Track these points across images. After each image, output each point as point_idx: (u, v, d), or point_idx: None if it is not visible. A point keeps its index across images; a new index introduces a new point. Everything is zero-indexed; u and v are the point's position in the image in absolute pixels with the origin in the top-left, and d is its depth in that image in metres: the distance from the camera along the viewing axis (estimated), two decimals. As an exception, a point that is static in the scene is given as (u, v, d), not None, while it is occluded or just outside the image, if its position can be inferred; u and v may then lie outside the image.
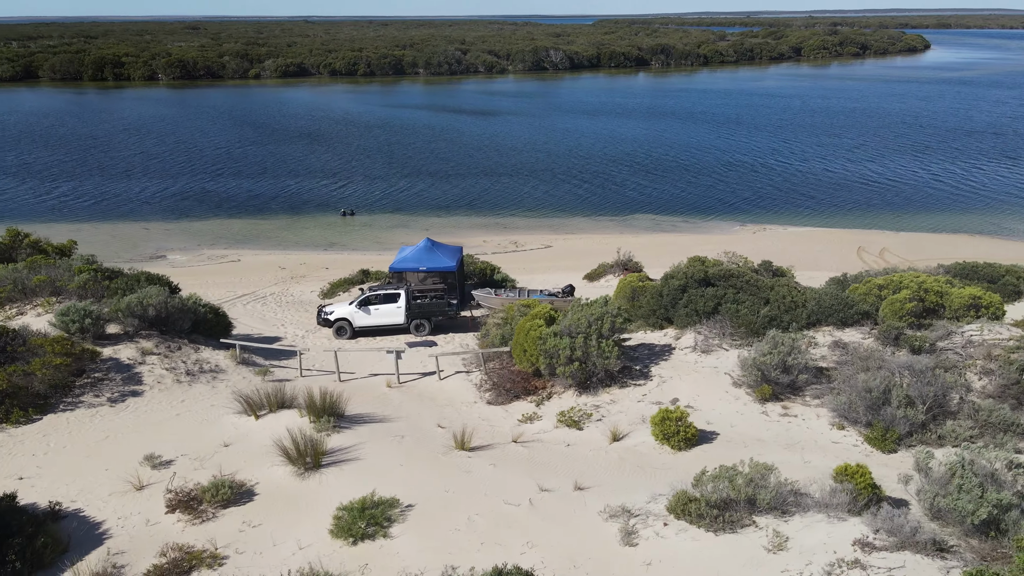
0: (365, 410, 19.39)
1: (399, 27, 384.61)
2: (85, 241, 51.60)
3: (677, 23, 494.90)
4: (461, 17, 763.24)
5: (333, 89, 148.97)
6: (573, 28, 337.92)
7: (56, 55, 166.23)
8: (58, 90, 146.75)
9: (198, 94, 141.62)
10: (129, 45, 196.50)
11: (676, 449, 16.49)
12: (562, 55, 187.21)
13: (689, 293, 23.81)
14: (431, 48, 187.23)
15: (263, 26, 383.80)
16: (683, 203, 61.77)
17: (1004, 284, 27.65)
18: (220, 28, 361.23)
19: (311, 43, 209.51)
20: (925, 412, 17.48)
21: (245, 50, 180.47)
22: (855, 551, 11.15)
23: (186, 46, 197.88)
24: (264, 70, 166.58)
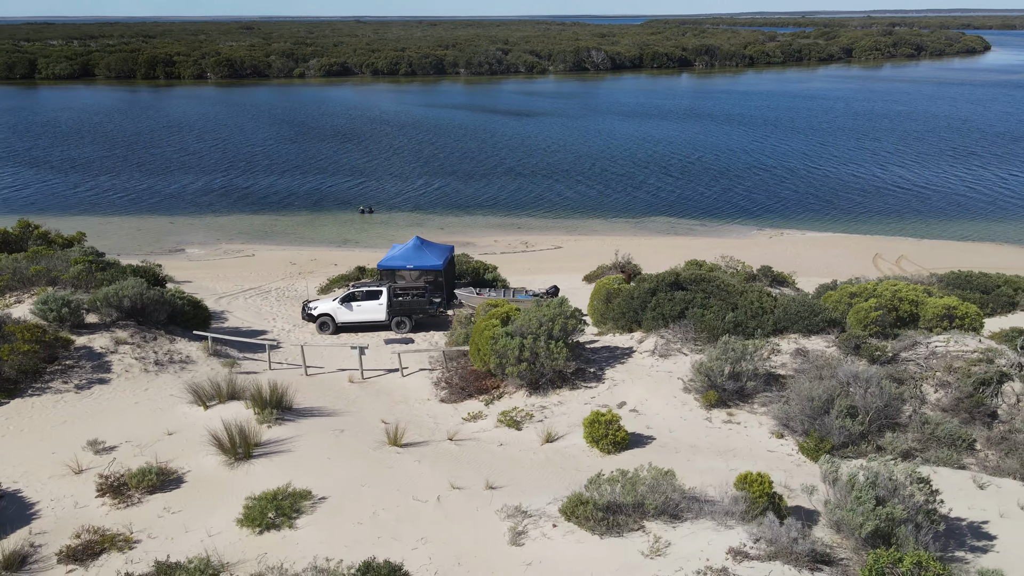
0: (318, 404, 19.81)
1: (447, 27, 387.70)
2: (111, 234, 53.67)
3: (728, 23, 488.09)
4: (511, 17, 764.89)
5: (374, 88, 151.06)
6: (620, 28, 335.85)
7: (112, 54, 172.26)
8: (112, 88, 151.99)
9: (243, 92, 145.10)
10: (182, 44, 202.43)
11: (605, 452, 16.48)
12: (604, 55, 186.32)
13: (658, 297, 23.65)
14: (472, 48, 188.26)
15: (314, 26, 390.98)
16: (703, 206, 61.03)
17: (997, 295, 26.75)
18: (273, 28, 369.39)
19: (356, 43, 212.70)
20: (869, 423, 17.11)
21: (291, 49, 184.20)
22: (727, 559, 11.05)
23: (236, 46, 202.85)
24: (308, 69, 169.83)
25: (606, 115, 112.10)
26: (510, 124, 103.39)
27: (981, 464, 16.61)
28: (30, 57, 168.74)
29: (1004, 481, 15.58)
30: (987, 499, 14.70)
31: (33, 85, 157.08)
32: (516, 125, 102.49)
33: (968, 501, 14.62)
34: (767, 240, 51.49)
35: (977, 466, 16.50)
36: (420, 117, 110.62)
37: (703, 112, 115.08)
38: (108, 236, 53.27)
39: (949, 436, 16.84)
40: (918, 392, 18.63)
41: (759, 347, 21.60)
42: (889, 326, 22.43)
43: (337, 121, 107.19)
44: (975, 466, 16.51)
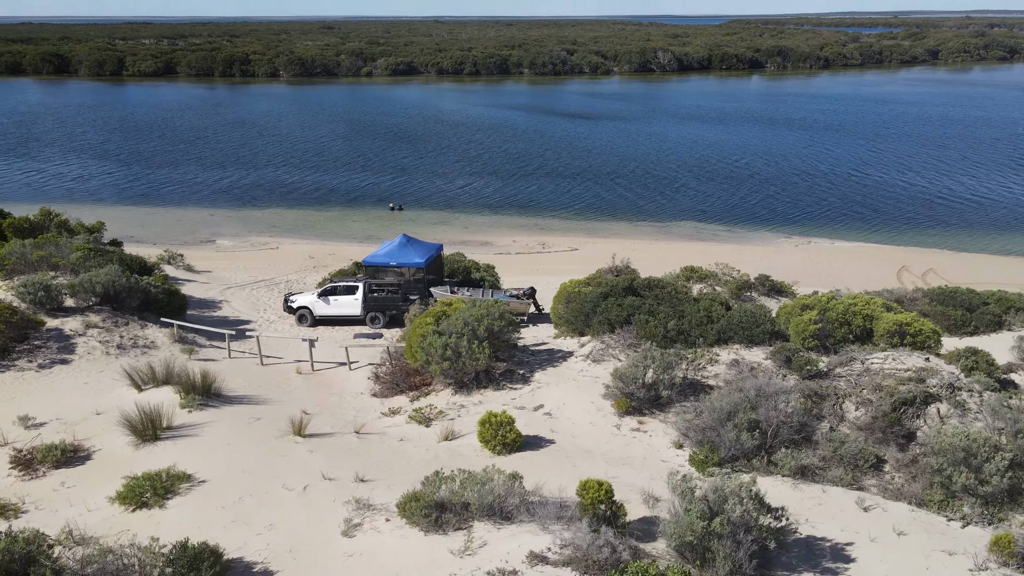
0: (252, 392, 20.65)
1: (522, 27, 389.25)
2: (154, 224, 56.63)
3: (814, 23, 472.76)
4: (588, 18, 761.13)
5: (437, 87, 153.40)
6: (697, 29, 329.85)
7: (193, 53, 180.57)
8: (191, 85, 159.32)
9: (311, 91, 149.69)
10: (259, 44, 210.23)
11: (495, 453, 16.65)
12: (670, 56, 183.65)
13: (608, 301, 23.55)
14: (537, 48, 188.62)
15: (392, 26, 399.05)
16: (736, 212, 59.71)
17: (982, 313, 25.43)
18: (353, 28, 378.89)
19: (427, 43, 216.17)
20: (771, 437, 16.72)
21: (361, 49, 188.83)
22: (523, 563, 11.13)
23: (311, 45, 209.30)
24: (376, 68, 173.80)
25: (662, 118, 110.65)
26: (561, 125, 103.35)
27: (883, 487, 16.01)
28: (119, 55, 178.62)
29: (895, 505, 15.03)
30: (866, 522, 14.24)
31: (121, 82, 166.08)
32: (567, 126, 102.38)
33: (845, 523, 14.20)
34: (791, 248, 50.02)
35: (877, 488, 15.93)
36: (474, 117, 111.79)
37: (763, 116, 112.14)
38: (151, 226, 56.25)
39: (852, 456, 16.29)
40: (838, 409, 18.05)
41: (699, 356, 21.34)
42: (844, 340, 21.73)
43: (393, 119, 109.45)
44: (875, 488, 15.94)
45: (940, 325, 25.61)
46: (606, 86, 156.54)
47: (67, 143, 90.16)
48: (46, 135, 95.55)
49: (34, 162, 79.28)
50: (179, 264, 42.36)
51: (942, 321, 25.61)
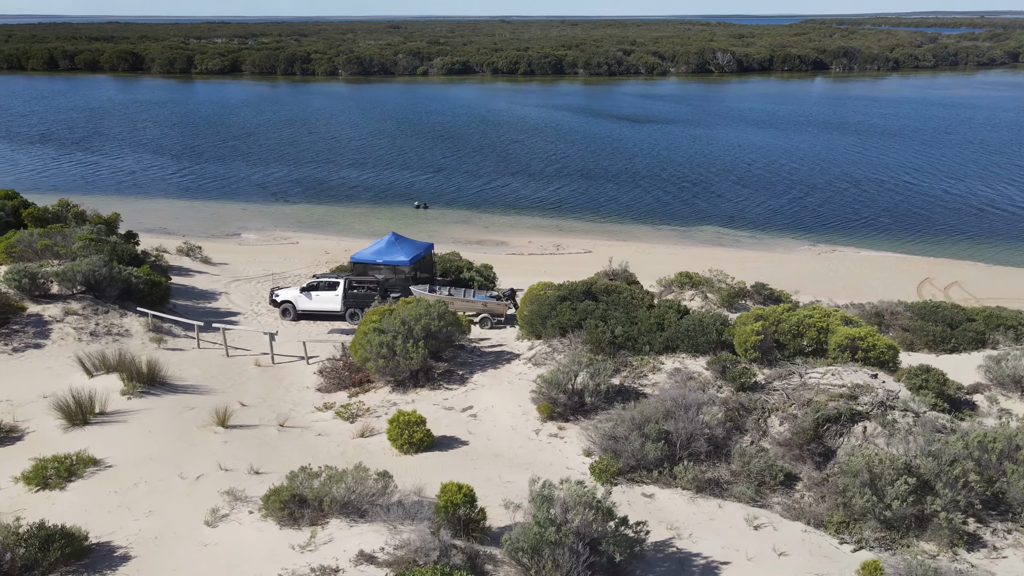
0: (201, 382, 21.35)
1: (587, 26, 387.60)
2: (188, 216, 58.73)
3: (893, 23, 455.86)
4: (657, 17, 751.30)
5: (491, 87, 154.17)
6: (765, 29, 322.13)
7: (257, 52, 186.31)
8: (253, 83, 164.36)
9: (366, 89, 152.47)
10: (321, 43, 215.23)
11: (402, 452, 16.82)
12: (729, 57, 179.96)
13: (563, 305, 23.41)
14: (593, 48, 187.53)
15: (457, 25, 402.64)
16: (765, 218, 58.23)
17: (964, 330, 24.23)
18: (418, 27, 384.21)
19: (486, 42, 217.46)
20: (680, 449, 16.39)
21: (418, 48, 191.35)
22: (351, 560, 11.26)
23: (372, 44, 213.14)
24: (432, 67, 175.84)
25: (711, 121, 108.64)
26: (606, 127, 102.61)
27: (790, 505, 15.51)
28: (189, 54, 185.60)
29: (790, 525, 14.59)
30: (752, 540, 13.89)
31: (189, 79, 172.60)
32: (611, 128, 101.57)
33: (729, 540, 13.88)
34: (812, 256, 48.51)
35: (781, 506, 15.45)
36: (520, 117, 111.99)
37: (819, 120, 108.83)
38: (186, 218, 58.40)
39: (759, 472, 15.83)
40: (762, 423, 17.54)
41: (643, 363, 21.05)
42: (798, 353, 21.08)
43: (439, 119, 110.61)
44: (779, 506, 15.46)
45: (920, 341, 24.60)
46: (660, 87, 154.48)
47: (127, 138, 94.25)
48: (110, 130, 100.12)
49: (93, 155, 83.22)
50: (197, 256, 43.87)
51: (922, 337, 24.54)
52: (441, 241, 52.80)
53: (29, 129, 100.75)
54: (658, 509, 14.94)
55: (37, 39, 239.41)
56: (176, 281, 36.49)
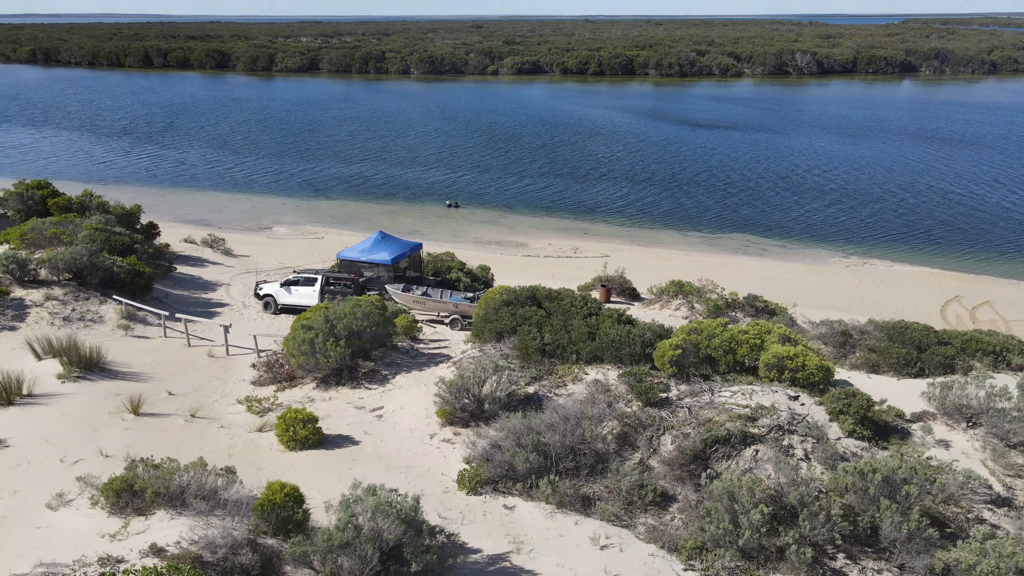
0: (146, 370, 22.31)
1: (670, 26, 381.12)
2: (228, 209, 61.14)
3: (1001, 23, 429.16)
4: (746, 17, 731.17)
5: (558, 88, 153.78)
6: (856, 29, 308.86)
7: (335, 50, 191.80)
8: (329, 81, 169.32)
9: (435, 88, 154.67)
10: (398, 42, 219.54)
11: (287, 448, 17.15)
12: (809, 58, 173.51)
13: (503, 310, 23.27)
14: (665, 49, 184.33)
15: (538, 25, 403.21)
16: (801, 226, 56.05)
17: (932, 354, 22.74)
18: (499, 26, 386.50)
19: (561, 42, 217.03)
20: (555, 462, 16.10)
21: (490, 47, 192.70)
22: (140, 551, 11.60)
23: (446, 44, 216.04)
24: (503, 67, 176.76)
25: (772, 125, 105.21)
26: (661, 129, 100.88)
27: (657, 527, 15.00)
28: (271, 52, 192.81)
29: (641, 547, 14.21)
30: (590, 560, 13.67)
31: (270, 77, 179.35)
32: (667, 131, 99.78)
33: (566, 559, 13.66)
34: (840, 268, 46.38)
35: (646, 528, 14.95)
36: (579, 118, 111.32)
37: (893, 125, 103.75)
38: (226, 211, 60.85)
39: (629, 491, 15.37)
40: (655, 441, 17.01)
41: (566, 372, 20.75)
42: (731, 369, 20.34)
43: (498, 118, 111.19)
44: (644, 527, 14.98)
45: (886, 363, 23.28)
46: (732, 90, 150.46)
47: (196, 133, 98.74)
48: (183, 125, 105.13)
49: (162, 149, 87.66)
50: (219, 248, 45.64)
51: (887, 359, 23.18)
52: (462, 241, 53.32)
53: (113, 123, 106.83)
54: (512, 522, 14.75)
55: (138, 37, 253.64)
56: (185, 271, 38.15)
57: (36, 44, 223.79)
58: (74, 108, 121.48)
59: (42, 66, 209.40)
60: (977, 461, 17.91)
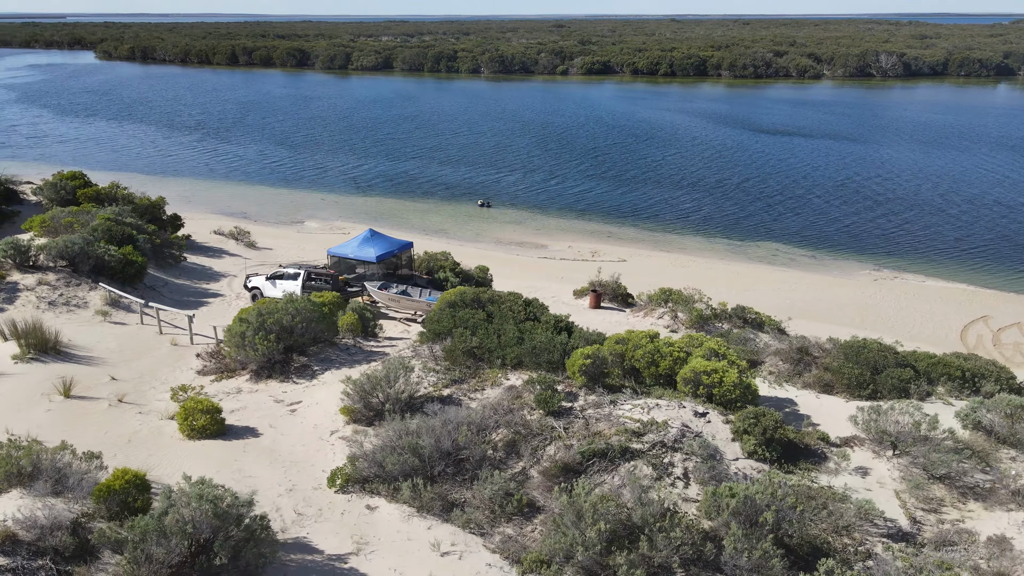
0: (104, 355, 23.50)
1: (757, 26, 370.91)
2: (269, 202, 63.26)
3: None
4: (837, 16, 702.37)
5: (626, 88, 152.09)
6: (956, 29, 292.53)
7: (408, 49, 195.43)
8: (400, 79, 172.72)
9: (503, 87, 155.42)
10: (472, 41, 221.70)
11: (186, 437, 17.77)
12: (894, 60, 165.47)
13: (444, 312, 23.38)
14: (740, 49, 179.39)
15: (620, 24, 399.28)
16: (838, 237, 53.68)
17: (887, 376, 21.48)
18: (581, 26, 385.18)
19: (635, 42, 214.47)
20: (429, 466, 16.10)
21: (561, 47, 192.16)
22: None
23: (520, 43, 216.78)
24: (572, 67, 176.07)
25: (841, 130, 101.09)
26: (720, 134, 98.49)
27: (516, 536, 14.80)
28: (348, 51, 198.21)
29: (485, 557, 14.17)
30: (428, 566, 13.63)
31: (346, 75, 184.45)
32: (726, 135, 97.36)
33: (402, 562, 13.81)
34: (867, 282, 44.18)
35: (503, 537, 14.77)
36: (638, 120, 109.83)
37: (973, 132, 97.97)
38: (266, 204, 63.03)
39: (491, 499, 15.23)
40: (540, 451, 16.77)
41: (488, 376, 20.69)
42: (656, 382, 19.85)
43: (557, 118, 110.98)
44: (501, 536, 14.80)
45: (839, 383, 22.20)
46: (807, 92, 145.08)
47: (261, 129, 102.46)
48: (252, 121, 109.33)
49: (225, 144, 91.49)
50: (243, 240, 47.42)
51: (840, 379, 22.07)
52: (484, 240, 53.58)
53: (188, 119, 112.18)
54: (367, 522, 14.87)
55: (229, 36, 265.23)
56: (198, 261, 39.86)
57: (136, 42, 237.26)
58: (157, 104, 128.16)
59: (140, 63, 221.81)
60: (891, 491, 16.93)
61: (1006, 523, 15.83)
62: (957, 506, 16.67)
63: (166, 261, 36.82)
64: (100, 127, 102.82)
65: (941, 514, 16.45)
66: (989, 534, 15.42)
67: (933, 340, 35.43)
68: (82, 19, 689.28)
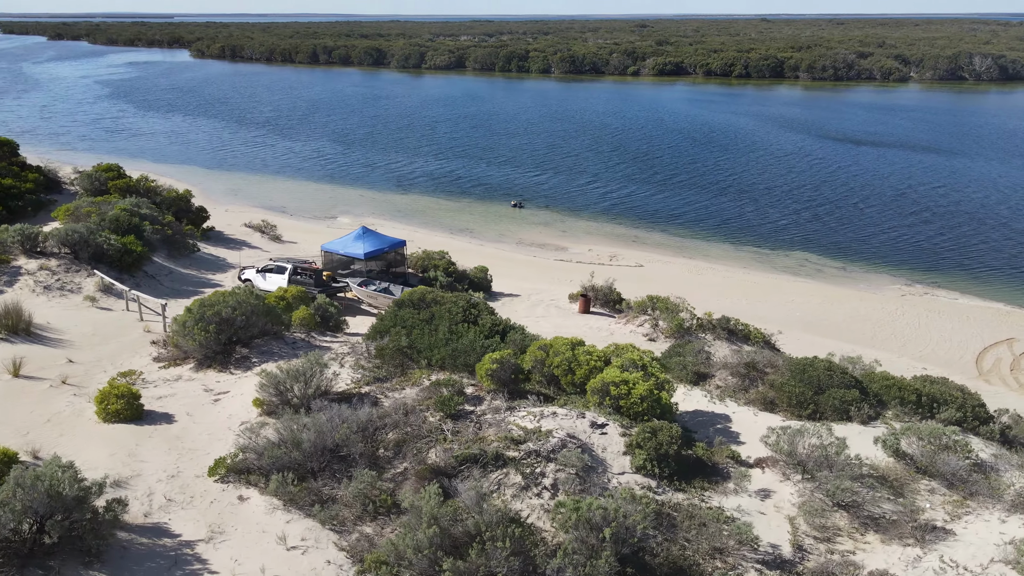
0: (74, 338, 24.83)
1: (851, 26, 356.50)
2: (309, 198, 65.06)
3: None
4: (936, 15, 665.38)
5: (697, 90, 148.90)
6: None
7: (481, 49, 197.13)
8: (472, 78, 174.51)
9: (572, 88, 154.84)
10: (545, 41, 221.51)
11: (101, 420, 18.60)
12: (989, 63, 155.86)
13: (391, 309, 23.62)
14: (821, 50, 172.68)
15: (704, 24, 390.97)
16: (882, 249, 51.12)
17: (829, 396, 20.37)
18: (666, 26, 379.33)
19: (713, 42, 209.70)
20: (307, 460, 16.36)
21: (634, 47, 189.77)
22: None
23: (597, 43, 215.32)
24: (644, 67, 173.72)
25: (914, 138, 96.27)
26: (782, 139, 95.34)
27: (370, 537, 14.86)
28: (422, 50, 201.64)
29: (331, 554, 14.44)
30: (265, 558, 13.98)
31: (419, 74, 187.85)
32: (787, 140, 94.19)
33: (245, 553, 14.10)
34: (892, 297, 41.92)
35: (361, 535, 14.83)
36: (699, 123, 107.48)
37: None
38: (306, 199, 64.90)
39: (355, 497, 15.33)
40: (421, 453, 16.76)
41: (416, 376, 20.83)
42: (576, 391, 19.55)
43: (615, 120, 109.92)
44: (359, 534, 14.87)
45: (782, 401, 21.27)
46: (890, 97, 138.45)
47: (323, 127, 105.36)
48: (317, 119, 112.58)
49: (284, 140, 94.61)
50: (268, 233, 49.04)
51: (783, 397, 21.11)
52: (506, 241, 53.60)
53: (258, 115, 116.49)
54: (232, 512, 15.24)
55: (315, 35, 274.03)
56: (214, 252, 41.52)
57: (226, 41, 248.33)
58: (233, 101, 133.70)
59: (229, 61, 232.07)
60: (784, 516, 16.14)
61: (897, 558, 14.86)
62: (854, 536, 15.76)
63: (179, 251, 38.48)
64: (175, 122, 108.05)
65: (834, 544, 15.59)
66: (873, 568, 14.52)
67: (944, 361, 33.40)
68: (188, 19, 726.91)
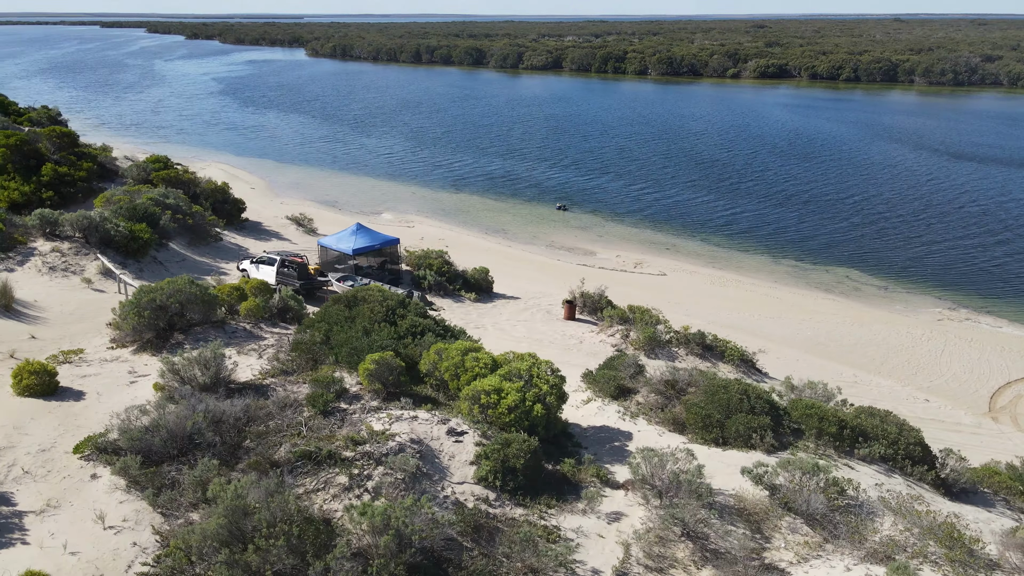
0: (53, 316, 26.82)
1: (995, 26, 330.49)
2: (364, 193, 67.00)
3: None
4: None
5: (800, 94, 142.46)
6: None
7: (578, 49, 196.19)
8: (567, 78, 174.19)
9: (668, 89, 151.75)
10: (646, 42, 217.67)
11: (16, 393, 20.02)
12: None
13: (322, 305, 24.14)
14: (942, 52, 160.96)
15: (827, 24, 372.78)
16: (941, 270, 47.36)
17: (735, 421, 19.18)
18: (783, 26, 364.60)
19: (826, 44, 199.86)
20: (170, 446, 17.04)
21: (735, 49, 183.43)
22: None
23: (702, 44, 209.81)
24: (745, 70, 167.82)
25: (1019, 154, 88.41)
26: (875, 150, 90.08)
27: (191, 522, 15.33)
28: (520, 50, 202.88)
29: (142, 537, 14.78)
30: (76, 536, 14.69)
31: (516, 74, 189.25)
32: (879, 151, 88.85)
33: (59, 527, 14.84)
34: (926, 321, 38.79)
35: (181, 521, 15.35)
36: (787, 130, 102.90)
37: None
38: (357, 194, 66.81)
39: (189, 484, 15.83)
40: (272, 448, 17.09)
41: (322, 371, 21.24)
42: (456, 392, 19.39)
43: (694, 124, 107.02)
44: (181, 520, 15.39)
45: (692, 423, 20.28)
46: (1013, 104, 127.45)
47: (403, 126, 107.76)
48: (400, 118, 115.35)
49: (360, 136, 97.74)
50: (304, 226, 50.99)
51: (691, 418, 20.08)
52: (537, 243, 53.31)
53: (347, 114, 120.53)
54: (77, 489, 16.09)
55: (424, 35, 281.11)
56: (237, 242, 43.67)
57: (338, 41, 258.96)
58: (328, 99, 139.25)
59: (339, 60, 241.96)
60: (622, 542, 15.43)
61: (715, 600, 13.90)
62: (689, 570, 14.89)
63: (200, 240, 40.67)
64: (268, 118, 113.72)
65: (664, 574, 14.76)
66: (684, 608, 13.66)
67: (953, 394, 30.72)
68: (315, 20, 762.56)
